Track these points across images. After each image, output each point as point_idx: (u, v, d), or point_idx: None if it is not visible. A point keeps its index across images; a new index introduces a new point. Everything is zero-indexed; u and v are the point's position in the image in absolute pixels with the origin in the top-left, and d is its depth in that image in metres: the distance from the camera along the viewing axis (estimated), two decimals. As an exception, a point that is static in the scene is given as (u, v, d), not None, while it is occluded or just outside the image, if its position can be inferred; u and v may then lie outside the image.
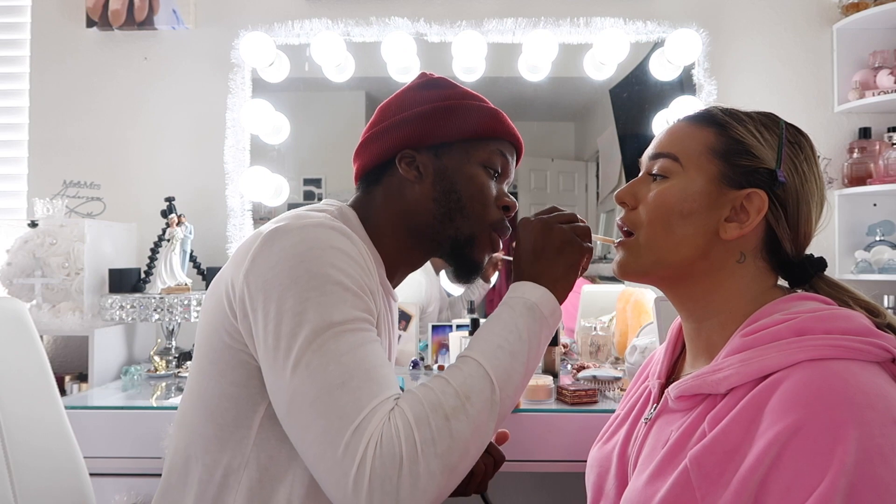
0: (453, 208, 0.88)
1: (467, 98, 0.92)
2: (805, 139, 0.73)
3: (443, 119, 0.89)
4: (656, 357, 0.83)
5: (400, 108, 0.91)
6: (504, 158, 0.92)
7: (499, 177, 0.92)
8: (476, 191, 0.89)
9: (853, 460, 0.52)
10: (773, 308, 0.67)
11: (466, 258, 0.91)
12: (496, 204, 0.91)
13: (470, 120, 0.89)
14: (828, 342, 0.59)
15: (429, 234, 0.89)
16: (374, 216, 0.90)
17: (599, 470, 0.79)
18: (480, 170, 0.89)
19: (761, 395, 0.59)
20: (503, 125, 0.92)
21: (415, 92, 0.92)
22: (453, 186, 0.88)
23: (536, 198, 2.22)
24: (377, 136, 0.91)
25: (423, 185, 0.88)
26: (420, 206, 0.88)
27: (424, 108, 0.89)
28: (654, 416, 0.73)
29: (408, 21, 1.92)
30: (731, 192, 0.69)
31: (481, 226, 0.90)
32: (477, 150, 0.89)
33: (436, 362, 1.77)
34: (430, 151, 0.89)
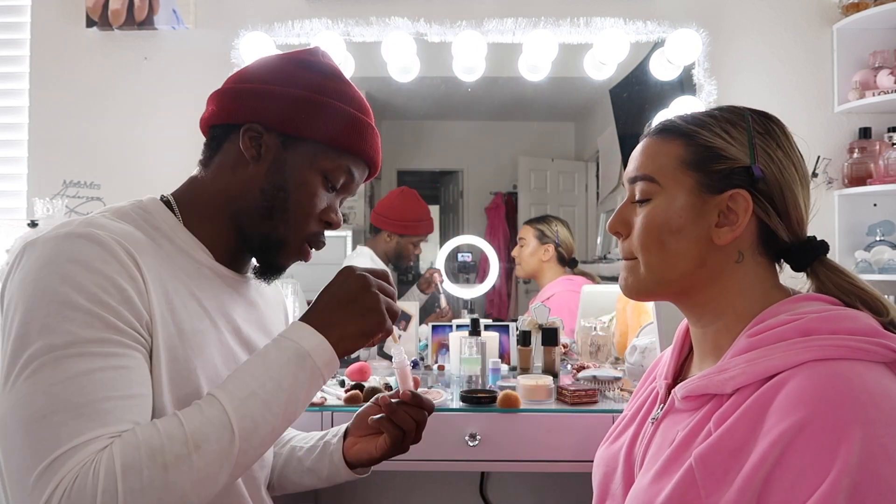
0: (276, 206, 0.83)
1: (343, 100, 0.85)
2: (775, 124, 0.72)
3: (306, 113, 0.82)
4: (664, 358, 0.83)
5: (275, 78, 0.84)
6: (350, 176, 0.87)
7: (337, 191, 0.88)
8: (305, 199, 0.83)
9: (857, 459, 0.52)
10: (779, 309, 0.67)
11: (272, 260, 0.86)
12: (320, 217, 0.86)
13: (333, 125, 0.83)
14: (833, 342, 0.59)
15: (245, 222, 0.84)
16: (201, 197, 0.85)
17: (606, 469, 0.79)
18: (319, 178, 0.84)
19: (766, 394, 0.59)
20: (363, 143, 0.86)
21: (297, 68, 0.85)
22: (285, 183, 0.82)
23: (536, 198, 2.22)
24: (237, 93, 0.84)
25: (258, 168, 0.83)
26: (246, 190, 0.83)
27: (294, 93, 0.82)
28: (660, 416, 0.73)
29: (408, 21, 1.92)
30: (713, 198, 0.69)
31: (297, 234, 0.85)
32: (325, 158, 0.84)
33: (436, 362, 1.77)
34: (279, 137, 0.83)
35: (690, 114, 0.74)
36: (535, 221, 2.10)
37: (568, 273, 2.07)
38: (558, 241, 2.06)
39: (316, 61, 0.87)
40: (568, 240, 2.08)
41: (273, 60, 0.87)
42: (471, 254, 2.11)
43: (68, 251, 0.68)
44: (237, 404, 0.68)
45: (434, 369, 1.74)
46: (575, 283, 2.02)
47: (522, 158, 2.23)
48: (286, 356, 0.73)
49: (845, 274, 0.71)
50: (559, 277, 2.05)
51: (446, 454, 1.36)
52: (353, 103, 0.86)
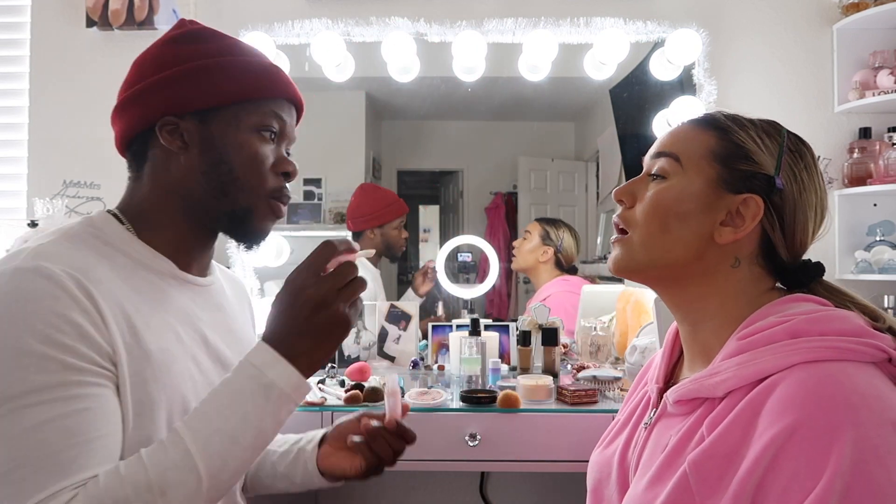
0: (225, 181, 0.80)
1: (233, 53, 0.82)
2: (807, 148, 0.73)
3: (205, 80, 0.79)
4: (655, 362, 0.83)
5: (157, 66, 0.80)
6: (280, 119, 0.83)
7: (276, 139, 0.84)
8: (249, 159, 0.80)
9: (849, 461, 0.52)
10: (768, 310, 0.67)
11: (248, 230, 0.83)
12: (274, 170, 0.83)
13: (237, 80, 0.80)
14: (823, 344, 0.59)
15: (202, 211, 0.81)
16: (144, 206, 0.81)
17: (600, 475, 0.79)
18: (253, 135, 0.81)
19: (758, 398, 0.59)
20: (275, 82, 0.83)
21: (173, 46, 0.82)
22: (222, 157, 0.79)
23: (536, 198, 2.22)
24: (134, 99, 0.81)
25: (190, 155, 0.80)
26: (188, 181, 0.80)
27: (185, 68, 0.79)
28: (653, 420, 0.73)
29: (408, 21, 1.92)
30: (727, 197, 0.69)
31: (258, 197, 0.82)
32: (247, 113, 0.80)
33: (436, 362, 1.77)
34: (195, 118, 0.79)
35: (732, 113, 0.74)
36: (545, 222, 2.10)
37: (563, 275, 2.07)
38: (560, 247, 2.06)
39: (185, 32, 0.84)
40: (570, 248, 2.08)
41: (148, 54, 0.84)
42: (471, 254, 2.11)
43: (15, 290, 0.64)
44: (202, 444, 0.66)
45: (434, 369, 1.74)
46: (571, 283, 2.02)
47: (522, 158, 2.23)
48: (250, 387, 0.69)
49: (843, 293, 0.71)
50: (555, 278, 2.05)
51: (446, 454, 1.36)
52: (242, 52, 0.83)
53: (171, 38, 0.83)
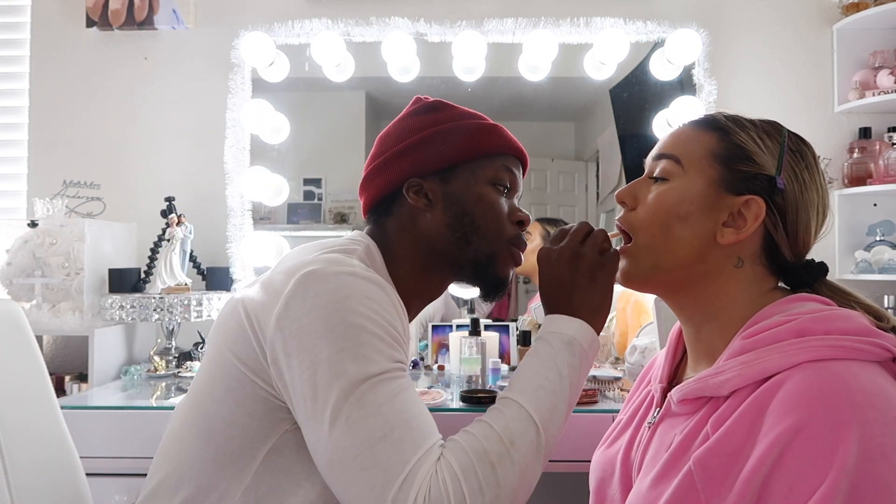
0: (468, 231, 0.88)
1: (465, 118, 0.91)
2: (808, 148, 0.73)
3: (443, 142, 0.88)
4: (658, 362, 0.83)
5: (399, 137, 0.91)
6: (511, 173, 0.91)
7: (508, 192, 0.92)
8: (488, 210, 0.88)
9: (854, 460, 0.52)
10: (772, 310, 0.67)
11: (491, 277, 0.91)
12: (510, 220, 0.91)
13: (470, 139, 0.89)
14: (828, 343, 0.59)
15: (449, 260, 0.89)
16: (392, 248, 0.89)
17: (602, 474, 0.79)
18: (489, 188, 0.89)
19: (763, 396, 0.59)
20: (504, 139, 0.92)
21: (412, 119, 0.92)
22: (465, 209, 0.88)
23: (536, 198, 2.22)
24: (381, 168, 0.91)
25: (435, 212, 0.88)
26: (435, 234, 0.88)
27: (424, 134, 0.89)
28: (657, 420, 0.73)
29: (408, 21, 1.92)
30: (729, 198, 0.70)
31: (499, 243, 0.89)
32: (482, 168, 0.89)
33: (436, 362, 1.77)
34: (436, 177, 0.88)
35: (732, 114, 0.75)
36: (546, 222, 2.10)
37: None
38: None
39: (422, 104, 0.94)
40: None
41: (390, 128, 0.94)
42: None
43: (363, 290, 0.73)
44: (531, 399, 0.73)
45: (434, 369, 1.74)
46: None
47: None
48: (556, 346, 0.77)
49: (846, 293, 0.71)
50: None
51: (446, 454, 1.36)
52: (472, 116, 0.92)
53: (411, 112, 0.94)
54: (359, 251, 0.84)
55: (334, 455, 0.67)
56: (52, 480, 0.99)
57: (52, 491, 0.99)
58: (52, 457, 1.01)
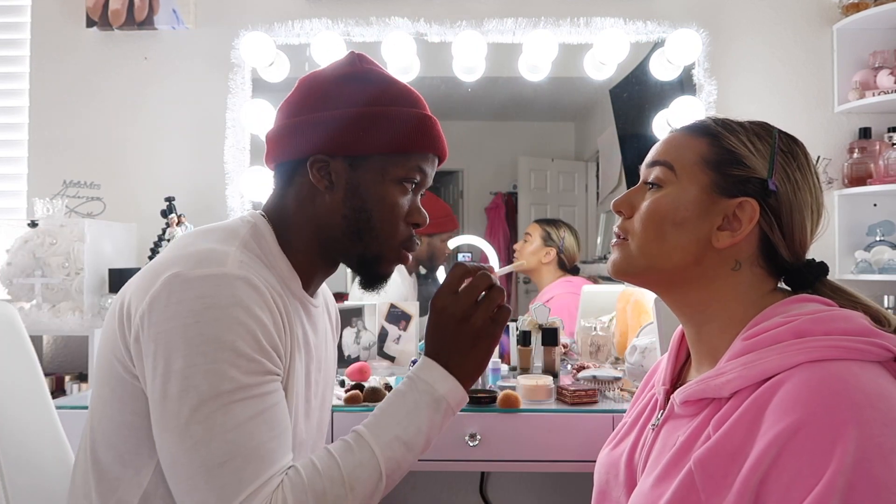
0: (363, 228, 0.83)
1: (397, 103, 0.84)
2: (799, 148, 0.73)
3: (365, 130, 0.82)
4: (661, 364, 0.83)
5: (322, 103, 0.83)
6: (423, 174, 0.87)
7: (415, 188, 0.87)
8: (388, 212, 0.84)
9: (852, 459, 0.52)
10: (773, 311, 0.67)
11: (373, 274, 0.88)
12: (406, 220, 0.86)
13: (394, 133, 0.83)
14: (827, 343, 0.59)
15: (336, 249, 0.86)
16: (288, 224, 0.85)
17: (607, 476, 0.80)
18: (395, 187, 0.84)
19: (762, 397, 0.59)
20: (429, 138, 0.86)
21: (341, 85, 0.84)
22: (364, 205, 0.83)
23: (536, 198, 2.22)
24: (292, 132, 0.84)
25: (334, 196, 0.83)
26: (328, 219, 0.84)
27: (347, 113, 0.82)
28: (660, 421, 0.73)
29: (408, 21, 1.92)
30: (723, 201, 0.70)
31: (390, 246, 0.86)
32: (395, 166, 0.83)
33: (436, 362, 1.77)
34: (346, 161, 0.82)
35: (722, 118, 0.75)
36: (545, 223, 2.10)
37: (566, 275, 2.07)
38: (562, 247, 2.06)
39: (356, 72, 0.86)
40: (572, 248, 2.08)
41: (315, 85, 0.86)
42: (471, 254, 2.11)
43: (228, 296, 0.70)
44: (384, 448, 0.75)
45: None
46: (574, 284, 2.01)
47: (522, 158, 2.23)
48: (424, 401, 0.77)
49: (847, 293, 0.71)
50: (558, 279, 2.05)
51: (446, 454, 1.36)
52: (405, 101, 0.85)
53: (341, 76, 0.86)
54: (242, 235, 0.80)
55: (174, 465, 0.68)
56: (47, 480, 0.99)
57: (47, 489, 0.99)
58: (47, 457, 1.01)
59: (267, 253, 0.81)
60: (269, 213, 0.86)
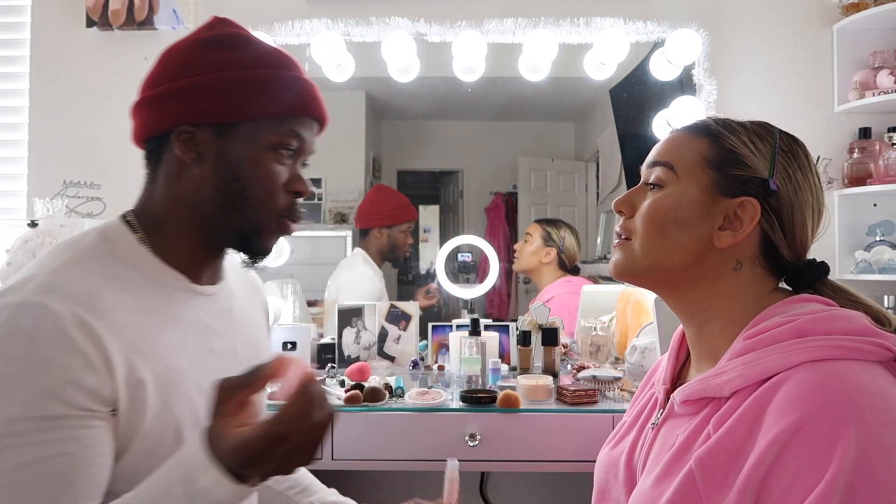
0: (237, 198, 0.78)
1: (264, 65, 0.78)
2: (800, 147, 0.73)
3: (228, 94, 0.76)
4: (662, 364, 0.83)
5: (180, 70, 0.78)
6: (300, 139, 0.81)
7: (294, 154, 0.81)
8: (263, 178, 0.78)
9: (852, 458, 0.52)
10: (774, 311, 0.67)
11: (255, 248, 0.82)
12: (287, 188, 0.80)
13: (261, 96, 0.77)
14: (828, 343, 0.60)
15: (213, 226, 0.79)
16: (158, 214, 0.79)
17: (607, 475, 0.80)
18: (269, 154, 0.78)
19: (763, 396, 0.59)
20: (302, 100, 0.80)
21: (202, 50, 0.79)
22: (237, 174, 0.77)
23: (536, 198, 2.22)
24: (153, 101, 0.78)
25: (203, 168, 0.77)
26: (200, 194, 0.78)
27: (209, 78, 0.76)
28: (660, 421, 0.74)
29: (408, 21, 1.92)
30: (724, 201, 0.70)
31: (269, 216, 0.80)
32: (267, 131, 0.78)
33: (436, 362, 1.77)
34: (213, 129, 0.77)
35: (723, 118, 0.75)
36: (546, 223, 2.11)
37: (567, 275, 2.07)
38: (562, 247, 2.07)
39: (217, 36, 0.80)
40: (572, 248, 2.08)
41: (176, 52, 0.80)
42: (471, 254, 2.11)
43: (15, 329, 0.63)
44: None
45: (434, 369, 1.74)
46: (574, 284, 2.02)
47: (522, 158, 2.23)
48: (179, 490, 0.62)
49: (848, 293, 0.71)
50: (558, 279, 2.05)
51: (446, 454, 1.35)
52: (273, 63, 0.79)
53: (202, 41, 0.80)
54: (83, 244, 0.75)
55: None
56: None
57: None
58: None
59: (123, 255, 0.75)
60: (136, 209, 0.81)
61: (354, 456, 1.37)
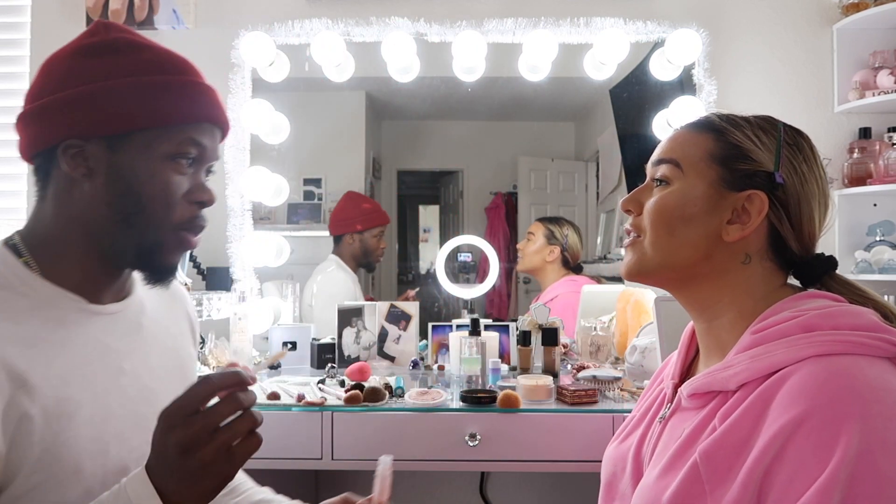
0: (132, 213, 0.73)
1: (148, 71, 0.74)
2: (805, 140, 0.74)
3: (115, 103, 0.71)
4: (672, 360, 0.84)
5: (62, 82, 0.73)
6: (199, 145, 0.76)
7: (195, 164, 0.77)
8: (160, 191, 0.74)
9: (855, 452, 0.52)
10: (782, 306, 0.67)
11: (156, 265, 0.77)
12: (187, 199, 0.76)
13: (150, 104, 0.72)
14: (835, 338, 0.60)
15: (108, 244, 0.75)
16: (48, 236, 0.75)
17: (614, 469, 0.80)
18: (166, 164, 0.74)
19: (769, 390, 0.60)
20: (196, 105, 0.76)
21: (83, 59, 0.74)
22: (131, 187, 0.73)
23: (536, 198, 2.22)
24: (37, 117, 0.74)
25: (94, 184, 0.73)
26: (93, 212, 0.73)
27: (93, 88, 0.71)
28: (668, 414, 0.74)
29: (408, 21, 1.92)
30: (731, 195, 0.70)
31: (168, 229, 0.75)
32: (161, 140, 0.73)
33: (436, 362, 1.77)
34: (103, 142, 0.72)
35: (727, 114, 0.75)
36: (548, 221, 2.11)
37: (570, 274, 2.07)
38: (565, 245, 2.07)
39: (99, 42, 0.75)
40: (576, 245, 2.08)
41: (56, 62, 0.76)
42: (471, 254, 2.11)
43: None
44: None
45: (434, 369, 1.74)
46: (578, 283, 2.02)
47: (522, 158, 2.23)
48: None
49: (856, 287, 0.71)
50: (562, 278, 2.05)
51: (446, 454, 1.36)
52: (163, 68, 0.75)
53: (84, 48, 0.75)
54: None
55: None
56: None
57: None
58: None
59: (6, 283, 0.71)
60: (24, 230, 0.77)
61: (354, 456, 1.37)
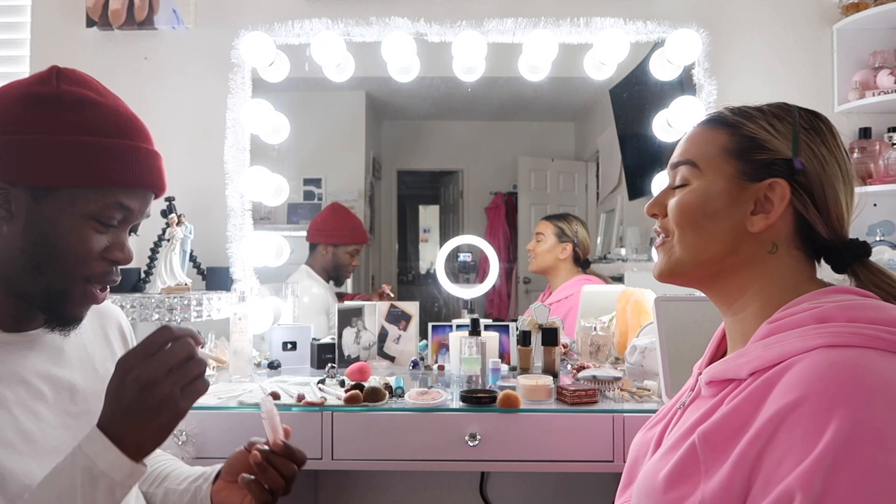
0: (43, 262, 0.75)
1: (92, 132, 0.75)
2: (823, 122, 0.73)
3: (46, 160, 0.73)
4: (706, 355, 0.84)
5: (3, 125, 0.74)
6: (126, 210, 0.78)
7: (120, 224, 0.79)
8: (75, 247, 0.75)
9: (844, 438, 0.51)
10: (805, 299, 0.67)
11: (61, 313, 0.79)
12: (103, 255, 0.78)
13: (80, 165, 0.74)
14: (849, 329, 0.59)
15: (17, 286, 0.77)
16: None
17: (637, 454, 0.81)
18: (86, 223, 0.76)
19: (773, 377, 0.59)
20: (130, 171, 0.77)
21: (29, 108, 0.75)
22: (47, 238, 0.74)
23: (536, 198, 2.22)
24: None
25: (13, 228, 0.74)
26: (6, 253, 0.75)
27: (28, 139, 0.73)
28: (688, 402, 0.75)
29: (408, 21, 1.92)
30: (752, 186, 0.70)
31: (76, 281, 0.77)
32: (86, 201, 0.75)
33: (436, 362, 1.77)
34: (28, 190, 0.74)
35: (739, 107, 0.76)
36: (556, 218, 2.11)
37: (581, 273, 2.07)
38: (577, 240, 2.06)
39: (47, 93, 0.76)
40: (585, 240, 2.08)
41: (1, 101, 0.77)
42: (471, 254, 2.11)
43: None
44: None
45: (434, 369, 1.74)
46: (592, 283, 2.02)
47: (522, 158, 2.23)
48: (81, 480, 0.66)
49: (887, 275, 0.70)
50: (575, 277, 2.05)
51: (446, 454, 1.36)
52: (103, 129, 0.77)
53: (31, 97, 0.76)
54: None
55: None
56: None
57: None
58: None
59: None
60: None
61: (354, 456, 1.37)
